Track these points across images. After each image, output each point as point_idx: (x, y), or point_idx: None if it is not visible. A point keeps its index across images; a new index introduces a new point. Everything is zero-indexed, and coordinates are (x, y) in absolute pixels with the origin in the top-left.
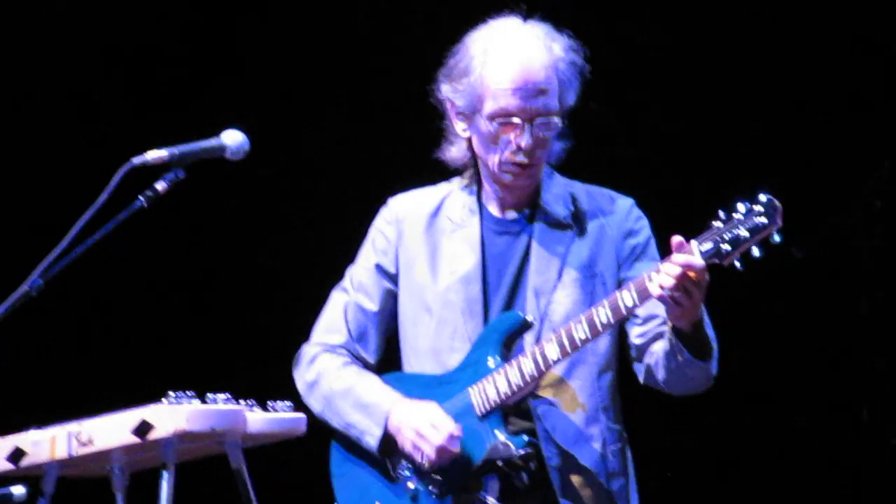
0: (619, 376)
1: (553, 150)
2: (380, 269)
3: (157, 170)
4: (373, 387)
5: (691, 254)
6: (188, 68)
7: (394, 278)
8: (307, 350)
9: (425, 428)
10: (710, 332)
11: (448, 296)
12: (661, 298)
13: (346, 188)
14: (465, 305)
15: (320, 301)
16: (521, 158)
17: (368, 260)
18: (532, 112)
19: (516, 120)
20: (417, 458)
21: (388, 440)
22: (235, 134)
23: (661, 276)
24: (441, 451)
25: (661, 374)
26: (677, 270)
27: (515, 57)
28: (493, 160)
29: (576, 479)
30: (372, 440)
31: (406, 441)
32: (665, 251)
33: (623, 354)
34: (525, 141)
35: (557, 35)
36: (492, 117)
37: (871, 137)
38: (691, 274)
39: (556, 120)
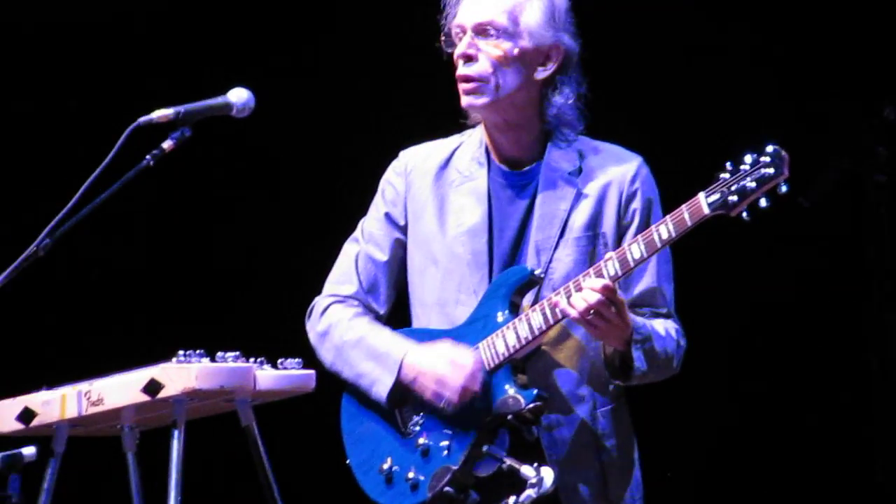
0: None
1: (554, 102)
2: (389, 218)
3: (164, 128)
4: (385, 336)
5: (693, 214)
6: (193, 32)
7: (403, 229)
8: (319, 302)
9: (445, 368)
10: (651, 345)
11: (454, 248)
12: (579, 323)
13: (360, 142)
14: (470, 258)
15: (331, 256)
16: (460, 69)
17: (378, 210)
18: (469, 21)
19: (457, 31)
20: (439, 402)
21: (398, 390)
22: (241, 91)
23: (575, 299)
24: (464, 390)
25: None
26: (592, 297)
27: None
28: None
29: (564, 438)
30: (383, 389)
31: (425, 389)
32: (671, 207)
33: None
34: (460, 49)
35: None
36: (447, 37)
37: (874, 82)
38: (603, 298)
39: (495, 31)
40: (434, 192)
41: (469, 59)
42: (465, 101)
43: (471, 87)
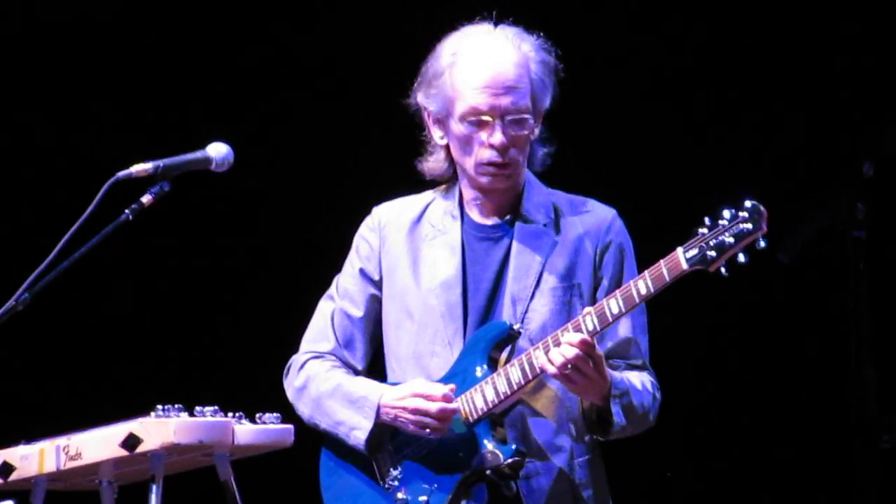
0: None
1: (537, 155)
2: (364, 274)
3: (143, 183)
4: (361, 382)
5: (672, 270)
6: (172, 81)
7: (378, 284)
8: (296, 359)
9: (418, 402)
10: (629, 399)
11: (429, 300)
12: (557, 378)
13: (332, 200)
14: (444, 310)
15: (308, 313)
16: (494, 157)
17: (353, 266)
18: (501, 109)
19: (486, 118)
20: (424, 433)
21: (377, 434)
22: (220, 146)
23: (553, 354)
24: (441, 414)
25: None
26: (569, 351)
27: (484, 56)
28: (469, 163)
29: (542, 488)
30: (361, 434)
31: (406, 423)
32: (648, 261)
33: None
34: (496, 139)
35: (528, 35)
36: (463, 118)
37: (851, 140)
38: (580, 353)
39: (529, 118)
40: (408, 246)
41: (504, 148)
42: (491, 181)
43: (505, 173)
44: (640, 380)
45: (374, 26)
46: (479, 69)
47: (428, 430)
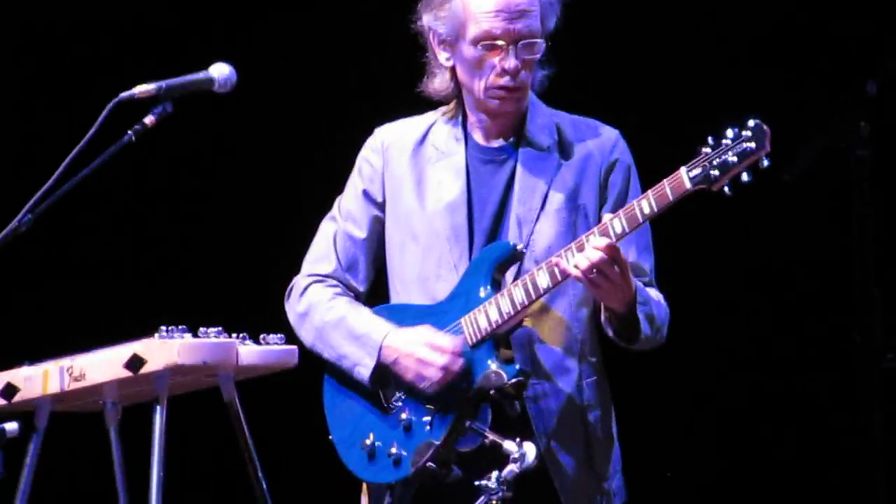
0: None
1: (536, 76)
2: (367, 195)
3: (146, 104)
4: (364, 317)
5: (675, 189)
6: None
7: (381, 205)
8: (298, 282)
9: (425, 352)
10: (643, 312)
11: (434, 223)
12: (580, 282)
13: (334, 119)
14: (450, 233)
15: (311, 232)
16: (506, 81)
17: (356, 187)
18: (515, 34)
19: (500, 42)
20: (421, 384)
21: (380, 371)
22: (222, 67)
23: (579, 258)
24: (445, 369)
25: (609, 331)
26: (594, 255)
27: None
28: (479, 86)
29: (551, 409)
30: (364, 371)
31: (406, 370)
32: (651, 181)
33: None
34: (510, 63)
35: None
36: (475, 41)
37: (856, 57)
38: (606, 257)
39: (540, 42)
40: (412, 168)
41: (516, 72)
42: (501, 104)
43: (515, 96)
44: (655, 293)
45: None
46: None
47: (425, 383)
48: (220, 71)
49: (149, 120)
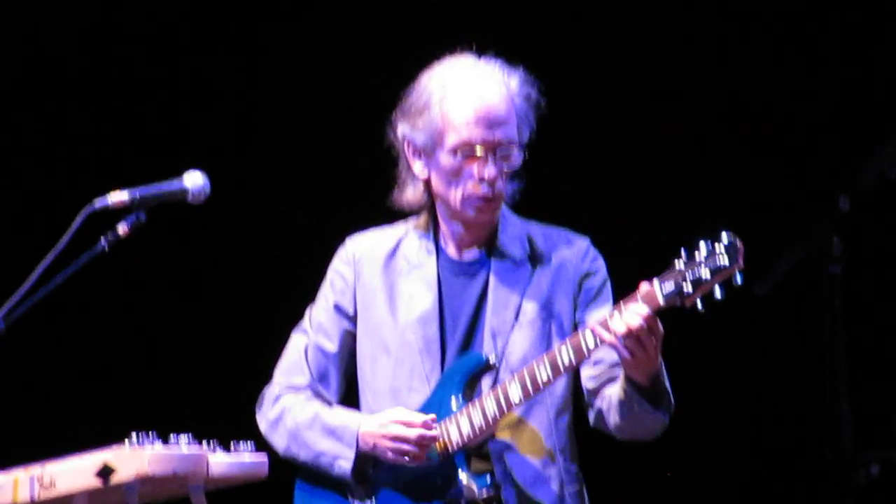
0: (575, 417)
1: (508, 189)
2: (338, 309)
3: (119, 212)
4: (338, 412)
5: (648, 303)
6: (150, 107)
7: (352, 319)
8: (270, 391)
9: (398, 429)
10: (667, 383)
11: (406, 335)
12: (614, 347)
13: (304, 229)
14: (422, 345)
15: (281, 341)
16: (485, 190)
17: (327, 300)
18: (494, 143)
19: (479, 151)
20: (403, 460)
21: (359, 463)
22: (196, 176)
23: (616, 323)
24: (421, 440)
25: (612, 420)
26: (634, 321)
27: (474, 89)
28: (455, 196)
29: None
30: (346, 464)
31: (386, 450)
32: (622, 291)
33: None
34: (489, 172)
35: (512, 70)
36: (454, 150)
37: (827, 174)
38: (645, 325)
39: (517, 152)
40: (383, 279)
41: (494, 181)
42: (478, 215)
43: (493, 206)
44: None
45: (348, 56)
46: (471, 102)
47: (407, 458)
48: (194, 181)
49: (122, 230)
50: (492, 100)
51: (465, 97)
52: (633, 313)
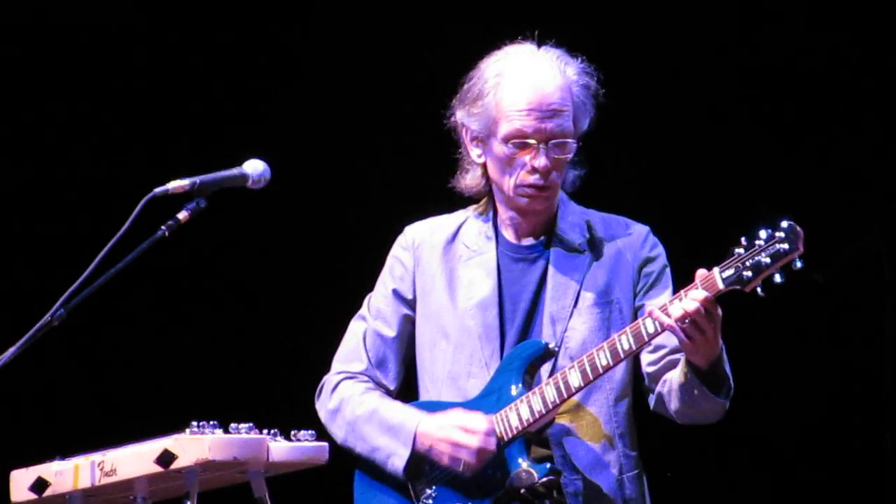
0: (635, 403)
1: (568, 176)
2: (397, 294)
3: (179, 199)
4: (397, 408)
5: (707, 289)
6: (211, 101)
7: (411, 304)
8: (329, 379)
9: (458, 434)
10: (728, 368)
11: (465, 321)
12: (672, 331)
13: (366, 217)
14: (482, 331)
15: (341, 330)
16: (536, 180)
17: (386, 286)
18: (547, 133)
19: (531, 141)
20: (457, 467)
21: (414, 461)
22: (257, 163)
23: (674, 307)
24: (480, 452)
25: (673, 405)
26: (691, 305)
27: (529, 79)
28: (509, 183)
29: None
30: (399, 461)
31: (442, 455)
32: (681, 279)
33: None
34: (540, 162)
35: (571, 59)
36: (507, 139)
37: (891, 161)
38: (703, 309)
39: (571, 142)
40: (443, 266)
41: (547, 172)
42: (529, 203)
43: (545, 195)
44: None
45: (406, 46)
46: (525, 91)
47: (462, 466)
48: (255, 167)
49: (182, 216)
50: (546, 89)
51: (519, 86)
52: (691, 298)
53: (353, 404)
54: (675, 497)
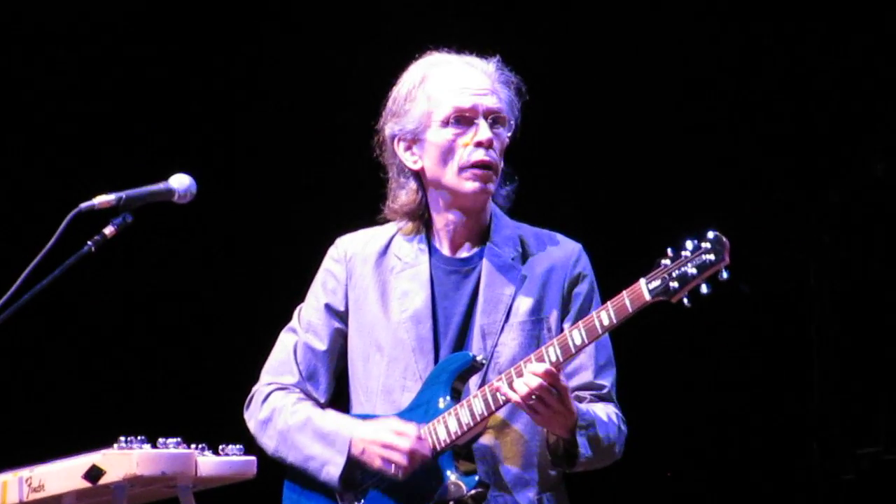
0: None
1: (499, 191)
2: (329, 308)
3: (105, 214)
4: (331, 417)
5: (634, 301)
6: (134, 111)
7: (343, 317)
8: (259, 390)
9: (390, 437)
10: (594, 431)
11: (399, 334)
12: (517, 405)
13: (293, 228)
14: (416, 344)
15: (269, 343)
16: (482, 156)
17: (318, 300)
18: (484, 108)
19: (470, 115)
20: (389, 469)
21: (349, 469)
22: (183, 177)
23: (517, 384)
24: (412, 454)
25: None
26: (533, 381)
27: (457, 69)
28: (453, 169)
29: None
30: (335, 469)
31: (374, 457)
32: (608, 291)
33: None
34: (484, 134)
35: (488, 58)
36: (446, 121)
37: (816, 169)
38: (544, 384)
39: (510, 118)
40: (375, 278)
41: (490, 145)
42: (476, 186)
43: (489, 175)
44: (605, 412)
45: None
46: (455, 75)
47: (394, 468)
48: (181, 182)
49: (108, 231)
50: (475, 74)
51: (448, 74)
52: (530, 373)
53: (285, 414)
54: None
